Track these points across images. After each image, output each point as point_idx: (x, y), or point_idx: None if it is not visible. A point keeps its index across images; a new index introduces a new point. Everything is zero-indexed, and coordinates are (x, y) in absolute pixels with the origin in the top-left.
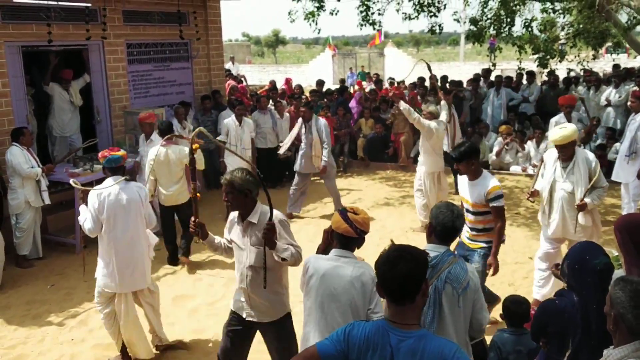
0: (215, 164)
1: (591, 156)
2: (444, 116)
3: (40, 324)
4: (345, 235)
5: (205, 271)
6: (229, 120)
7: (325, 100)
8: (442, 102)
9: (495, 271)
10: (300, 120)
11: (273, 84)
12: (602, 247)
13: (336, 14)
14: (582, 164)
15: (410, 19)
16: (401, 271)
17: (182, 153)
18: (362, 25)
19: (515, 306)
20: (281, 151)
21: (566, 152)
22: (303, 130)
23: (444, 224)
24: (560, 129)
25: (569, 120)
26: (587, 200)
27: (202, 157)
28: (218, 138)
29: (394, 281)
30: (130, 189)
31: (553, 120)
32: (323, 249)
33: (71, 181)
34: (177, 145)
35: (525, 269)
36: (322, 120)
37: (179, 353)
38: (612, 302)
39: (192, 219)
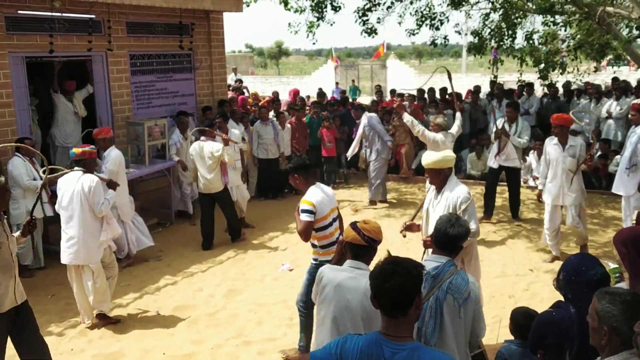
0: None
1: (460, 192)
2: (455, 128)
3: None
4: (355, 244)
5: (206, 282)
6: None
7: (326, 111)
8: (458, 114)
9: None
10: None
11: (276, 95)
12: (597, 259)
13: (332, 24)
14: (444, 198)
15: (413, 34)
16: (394, 285)
17: (214, 147)
18: (366, 34)
19: (524, 318)
20: (349, 153)
21: (430, 177)
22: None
23: (437, 229)
24: (437, 152)
25: (562, 142)
26: None
27: (230, 153)
28: None
29: (387, 295)
30: (81, 178)
31: (547, 140)
32: (337, 260)
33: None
34: (213, 141)
35: (526, 281)
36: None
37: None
38: (601, 317)
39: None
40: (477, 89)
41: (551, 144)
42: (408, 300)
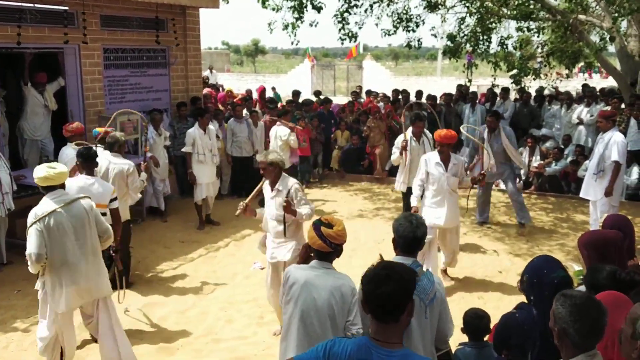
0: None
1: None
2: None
3: (6, 330)
4: (322, 251)
5: (177, 280)
6: (193, 130)
7: (301, 110)
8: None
9: None
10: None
11: (249, 93)
12: (560, 262)
13: (316, 25)
14: None
15: (389, 34)
16: (386, 291)
17: (283, 132)
18: (342, 40)
19: (476, 320)
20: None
21: None
22: (488, 138)
23: (404, 236)
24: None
25: (445, 160)
26: None
27: (294, 138)
28: (184, 149)
29: (379, 300)
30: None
31: (424, 158)
32: (301, 263)
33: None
34: (282, 126)
35: (495, 283)
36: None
37: None
38: (554, 318)
39: None
40: (459, 93)
41: (432, 163)
42: (401, 306)
